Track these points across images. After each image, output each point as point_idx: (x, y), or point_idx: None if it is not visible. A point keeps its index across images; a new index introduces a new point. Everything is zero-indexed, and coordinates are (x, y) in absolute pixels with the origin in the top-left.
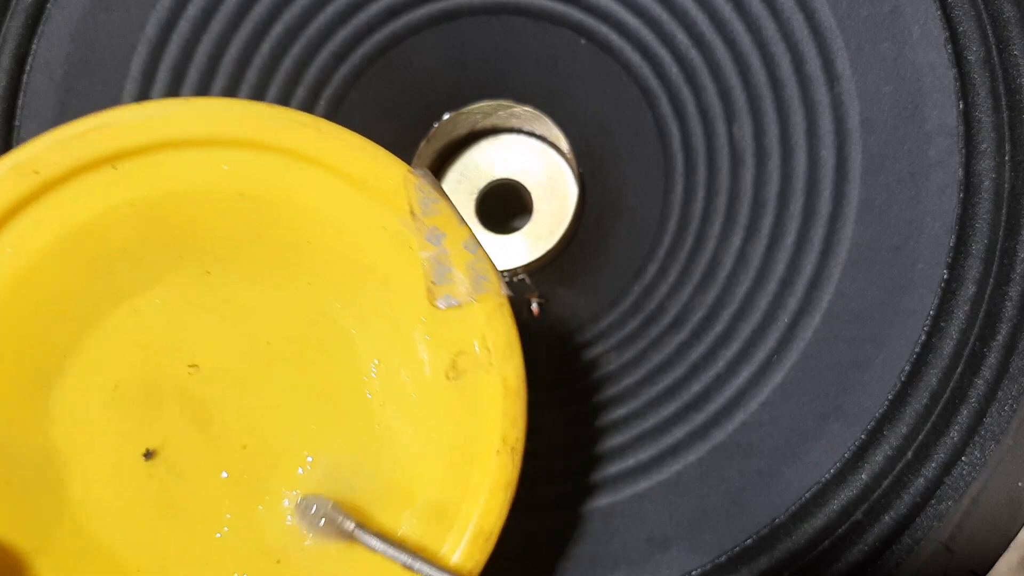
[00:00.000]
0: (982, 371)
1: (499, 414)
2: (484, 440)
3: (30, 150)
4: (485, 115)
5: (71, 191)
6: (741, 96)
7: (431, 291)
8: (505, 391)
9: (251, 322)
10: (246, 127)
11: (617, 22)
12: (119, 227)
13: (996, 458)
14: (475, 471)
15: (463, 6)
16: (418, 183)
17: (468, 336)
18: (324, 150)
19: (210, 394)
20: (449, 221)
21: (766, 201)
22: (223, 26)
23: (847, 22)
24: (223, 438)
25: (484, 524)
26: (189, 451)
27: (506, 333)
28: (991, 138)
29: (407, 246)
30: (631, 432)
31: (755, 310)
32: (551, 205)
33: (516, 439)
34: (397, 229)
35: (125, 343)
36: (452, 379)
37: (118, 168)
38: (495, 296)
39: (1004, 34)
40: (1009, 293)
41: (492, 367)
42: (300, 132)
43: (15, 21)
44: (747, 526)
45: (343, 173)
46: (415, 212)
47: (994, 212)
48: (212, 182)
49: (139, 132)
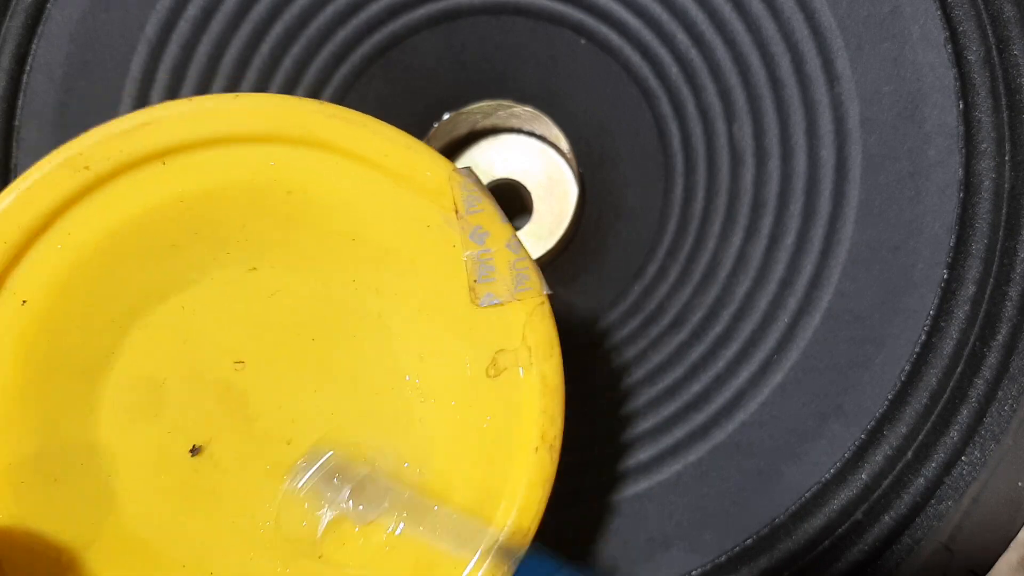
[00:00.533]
0: (982, 371)
1: (538, 412)
2: (523, 437)
3: (80, 145)
4: (485, 115)
5: (121, 187)
6: (741, 96)
7: (473, 289)
8: (544, 389)
9: (296, 318)
10: (294, 123)
11: (617, 22)
12: (167, 223)
13: (996, 458)
14: (513, 468)
15: (463, 6)
16: (463, 182)
17: (509, 334)
18: (371, 147)
19: (255, 390)
20: (492, 220)
21: (766, 201)
22: (223, 26)
23: (847, 22)
24: (268, 433)
25: (522, 521)
26: (234, 447)
27: (546, 332)
28: (991, 138)
29: (450, 244)
30: (631, 432)
31: (755, 310)
32: (551, 205)
33: (554, 437)
34: (441, 227)
35: (171, 339)
36: (492, 376)
37: (167, 164)
38: (536, 295)
39: (1004, 34)
40: (1009, 293)
41: (532, 365)
42: (348, 129)
43: (15, 21)
44: (747, 526)
45: (389, 170)
46: (459, 210)
47: (994, 212)
48: (259, 178)
49: (188, 128)
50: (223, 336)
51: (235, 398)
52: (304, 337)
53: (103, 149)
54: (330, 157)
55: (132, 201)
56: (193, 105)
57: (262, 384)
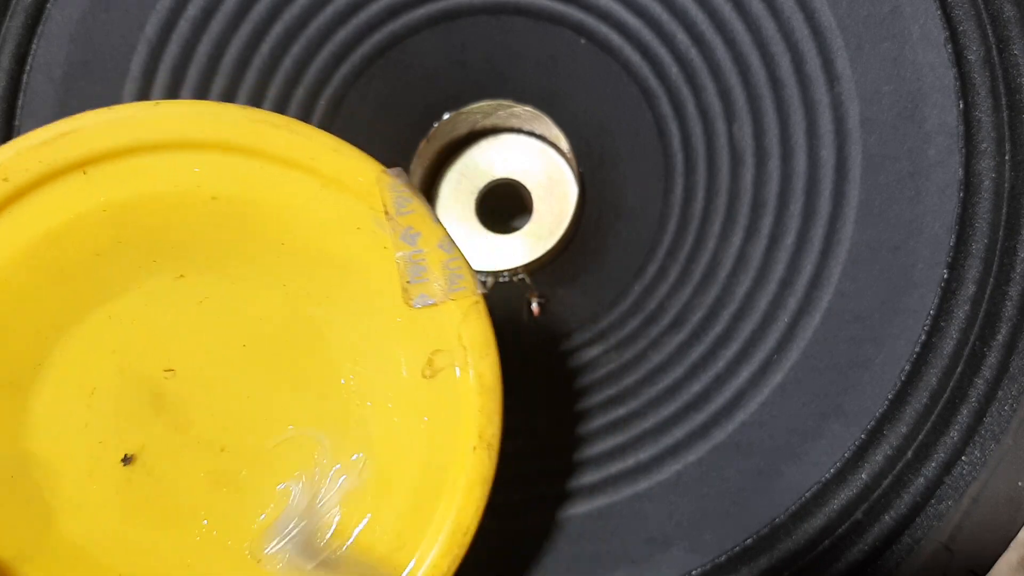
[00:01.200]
0: (982, 371)
1: (475, 411)
2: (461, 437)
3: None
4: (485, 115)
5: (41, 198)
6: (741, 96)
7: (406, 290)
8: (481, 388)
9: (226, 324)
10: (217, 129)
11: (617, 22)
12: (91, 232)
13: (996, 458)
14: (452, 468)
15: (463, 6)
16: (392, 182)
17: (444, 334)
18: (296, 151)
19: (187, 397)
20: (423, 220)
21: (766, 201)
22: (223, 26)
23: (847, 22)
24: (201, 441)
25: (462, 520)
26: (168, 455)
27: (481, 331)
28: (991, 138)
29: (382, 246)
30: (631, 432)
31: (755, 310)
32: (551, 205)
33: (492, 435)
34: (372, 229)
35: (100, 349)
36: (428, 377)
37: (88, 173)
38: (470, 295)
39: (1004, 34)
40: (1009, 293)
41: (468, 365)
42: (272, 133)
43: (15, 21)
44: (747, 526)
45: (316, 173)
46: (389, 212)
47: (994, 212)
48: (184, 185)
49: (108, 136)
50: (152, 344)
51: (166, 406)
52: (235, 343)
53: (21, 160)
54: (255, 162)
55: (54, 212)
56: (114, 113)
57: (194, 391)
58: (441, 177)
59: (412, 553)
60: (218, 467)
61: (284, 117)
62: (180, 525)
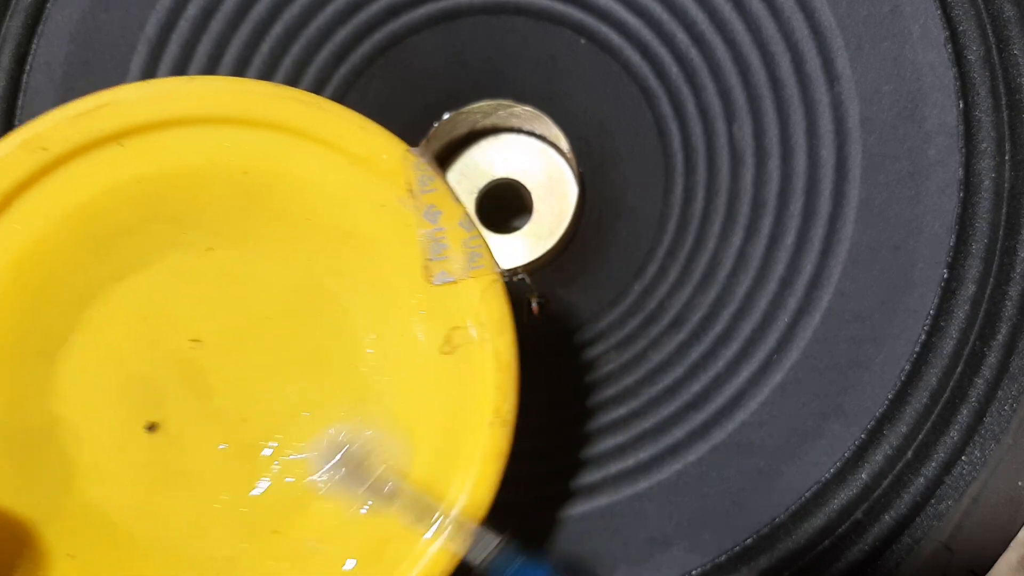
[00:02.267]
0: (982, 371)
1: (492, 387)
2: (477, 413)
3: (38, 126)
4: (485, 115)
5: (78, 168)
6: (741, 96)
7: (427, 267)
8: (498, 365)
9: (251, 297)
10: (249, 106)
11: (617, 22)
12: (124, 204)
13: (996, 458)
14: (468, 443)
15: (463, 6)
16: (416, 162)
17: (462, 312)
18: (325, 128)
19: (211, 368)
20: (445, 199)
21: (766, 201)
22: (223, 26)
23: (847, 22)
24: (224, 411)
25: (476, 494)
26: (190, 424)
27: (499, 308)
28: (991, 138)
29: (404, 223)
30: (631, 432)
31: (755, 310)
32: (551, 205)
33: (508, 412)
34: (395, 207)
35: (129, 318)
36: (446, 353)
37: (124, 145)
38: (488, 272)
39: (1004, 34)
40: (1009, 293)
41: (485, 342)
42: (302, 110)
43: (15, 21)
44: (747, 526)
45: (343, 151)
46: (413, 190)
47: (994, 212)
48: (215, 159)
49: (145, 110)
50: (180, 315)
51: (192, 376)
52: (260, 316)
53: (60, 130)
54: (285, 138)
55: (90, 182)
56: (150, 87)
57: (219, 362)
58: None
59: (428, 525)
60: (239, 437)
61: (313, 95)
62: (200, 493)
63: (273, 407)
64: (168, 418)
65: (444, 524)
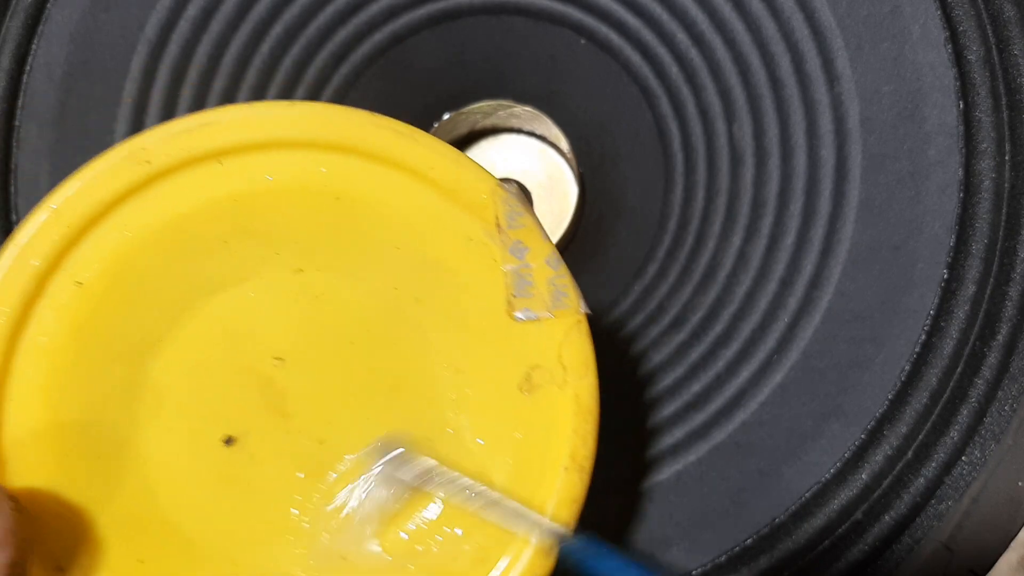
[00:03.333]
0: (982, 371)
1: (570, 431)
2: (553, 456)
3: (143, 141)
4: (485, 115)
5: (178, 182)
6: (741, 96)
7: (511, 303)
8: (577, 409)
9: (336, 321)
10: (346, 133)
11: (617, 22)
12: (220, 220)
13: (996, 458)
14: (543, 486)
15: (463, 6)
16: (505, 196)
17: (544, 351)
18: (418, 159)
19: (292, 387)
20: (533, 235)
21: (766, 201)
22: (223, 26)
23: (847, 22)
24: (302, 431)
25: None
26: (268, 441)
27: (582, 350)
28: (991, 138)
29: (491, 257)
30: (631, 432)
31: (755, 310)
32: (551, 205)
33: (585, 457)
34: (482, 240)
35: (216, 332)
36: (525, 392)
37: (223, 163)
38: (574, 312)
39: (1004, 34)
40: (1009, 293)
41: (567, 384)
42: (396, 140)
43: (15, 21)
44: (747, 526)
45: (434, 182)
46: (501, 225)
47: (994, 212)
48: (310, 183)
49: (245, 131)
50: (266, 333)
51: (273, 394)
52: (344, 340)
53: (165, 145)
54: (378, 167)
55: (188, 196)
56: (251, 110)
57: (300, 382)
58: None
59: (492, 566)
60: (315, 458)
61: (408, 126)
62: (270, 511)
63: (351, 431)
64: (246, 434)
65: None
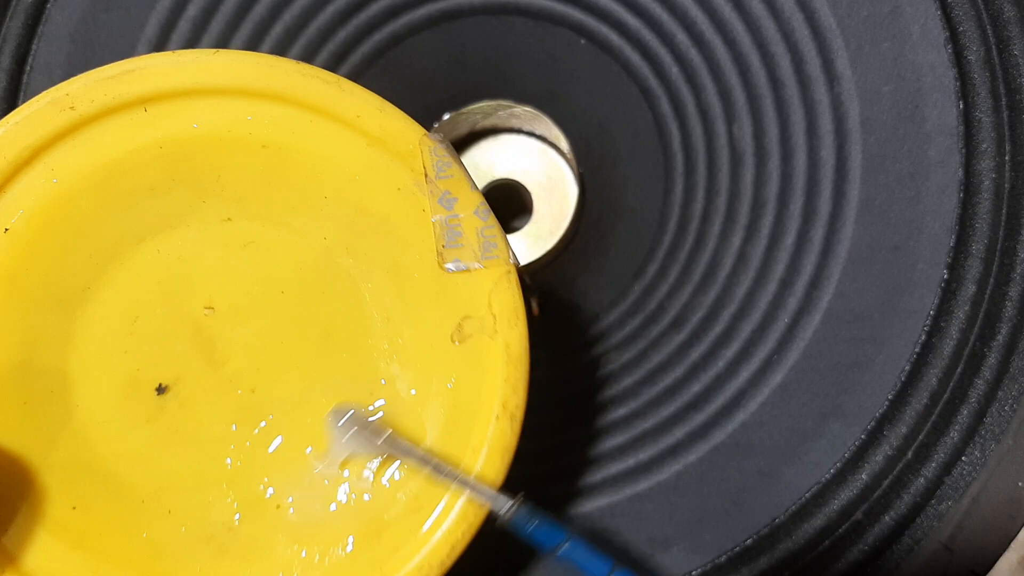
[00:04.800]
0: (982, 371)
1: (501, 380)
2: (484, 404)
3: (68, 88)
4: (485, 115)
5: (104, 129)
6: (741, 96)
7: (441, 254)
8: (508, 358)
9: (266, 270)
10: (272, 81)
11: (617, 22)
12: (147, 167)
13: (996, 458)
14: (474, 434)
15: (463, 6)
16: (433, 146)
17: (475, 301)
18: (345, 107)
19: (224, 336)
20: (462, 186)
21: (766, 201)
22: (223, 26)
23: (847, 22)
24: (233, 380)
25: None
26: (200, 389)
27: (512, 300)
28: (991, 138)
29: (420, 208)
30: (631, 432)
31: (755, 310)
32: (551, 205)
33: (516, 406)
34: (411, 190)
35: (146, 280)
36: (457, 342)
37: (149, 111)
38: (503, 263)
39: (1004, 34)
40: (1009, 293)
41: (496, 333)
42: (323, 89)
43: (15, 21)
44: (747, 526)
45: (362, 131)
46: (429, 175)
47: (994, 212)
48: (237, 131)
49: (170, 77)
50: (196, 281)
51: (204, 342)
52: (275, 289)
53: (89, 92)
54: (306, 115)
55: (114, 143)
56: (176, 57)
57: (231, 331)
58: None
59: (428, 515)
60: (247, 407)
61: (334, 75)
62: (203, 457)
63: (283, 380)
64: (178, 382)
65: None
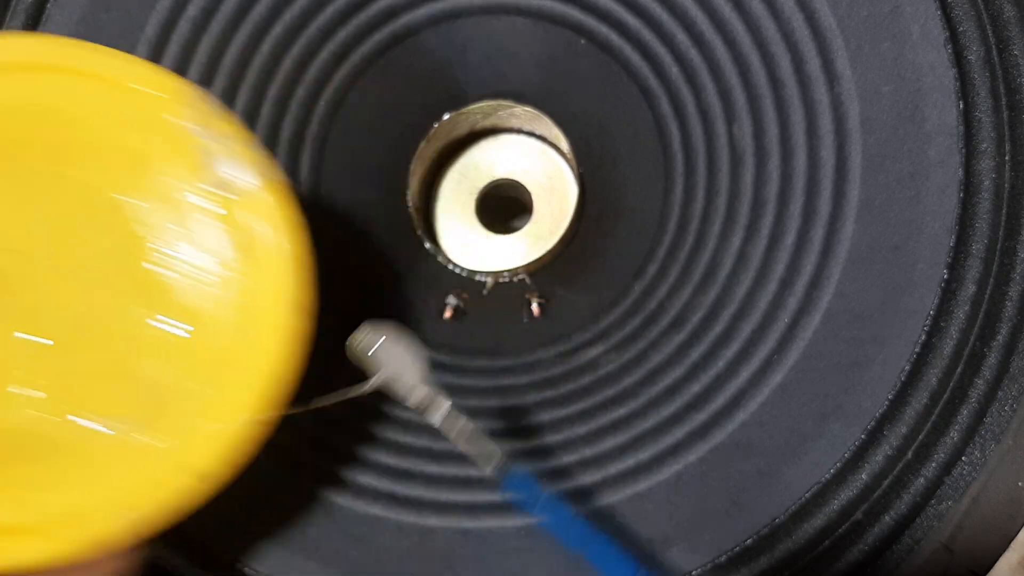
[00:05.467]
0: (982, 371)
1: (290, 283)
2: (272, 304)
3: None
4: (485, 115)
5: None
6: (741, 96)
7: (209, 178)
8: (297, 266)
9: (37, 216)
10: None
11: (617, 22)
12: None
13: (996, 458)
14: (267, 332)
15: (463, 6)
16: (191, 91)
17: (253, 216)
18: (89, 63)
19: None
20: (217, 119)
21: (766, 201)
22: (223, 26)
23: (847, 22)
24: (20, 310)
25: (280, 371)
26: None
27: (284, 213)
28: (991, 138)
29: (182, 138)
30: (631, 432)
31: (755, 310)
32: (551, 205)
33: (307, 301)
34: (174, 129)
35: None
36: (242, 255)
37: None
38: (275, 182)
39: (1004, 34)
40: (1009, 293)
41: (280, 242)
42: (68, 50)
43: (15, 21)
44: (747, 526)
45: (111, 82)
46: (187, 115)
47: (994, 212)
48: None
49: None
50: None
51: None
52: (47, 233)
53: None
54: (63, 78)
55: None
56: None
57: (13, 278)
58: (441, 177)
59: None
60: (32, 329)
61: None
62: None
63: (67, 307)
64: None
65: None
